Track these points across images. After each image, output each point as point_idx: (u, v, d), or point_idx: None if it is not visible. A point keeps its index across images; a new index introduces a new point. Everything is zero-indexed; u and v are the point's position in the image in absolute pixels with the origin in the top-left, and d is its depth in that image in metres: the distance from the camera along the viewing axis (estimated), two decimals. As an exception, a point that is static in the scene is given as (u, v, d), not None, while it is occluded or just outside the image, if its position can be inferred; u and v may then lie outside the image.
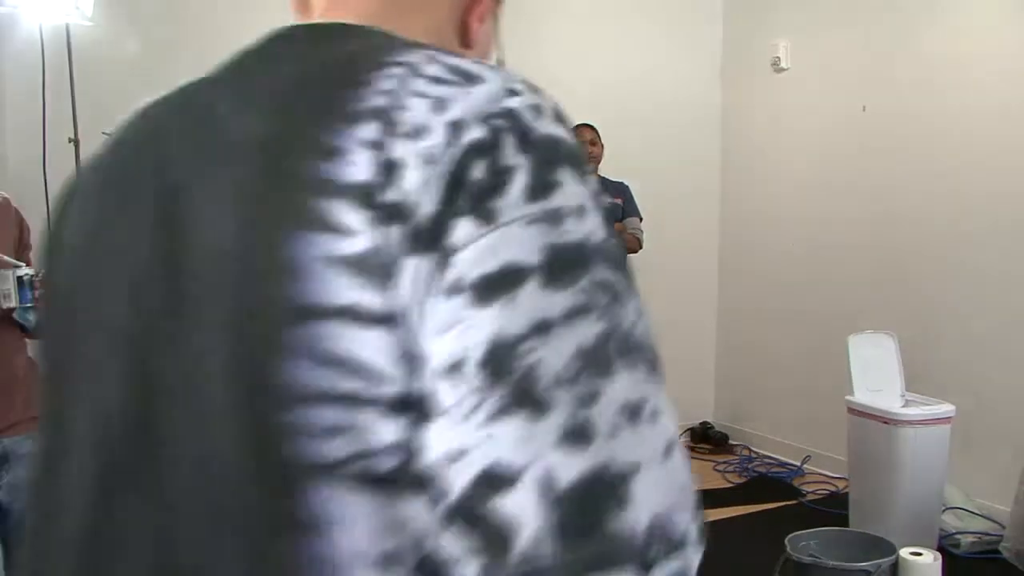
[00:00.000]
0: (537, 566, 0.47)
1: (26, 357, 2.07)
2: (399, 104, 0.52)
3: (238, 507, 0.52)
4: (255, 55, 0.70)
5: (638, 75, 5.11)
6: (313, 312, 0.50)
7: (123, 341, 0.59)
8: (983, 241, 3.84)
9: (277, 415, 0.50)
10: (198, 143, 0.61)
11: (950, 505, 3.68)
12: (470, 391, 0.48)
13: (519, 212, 0.50)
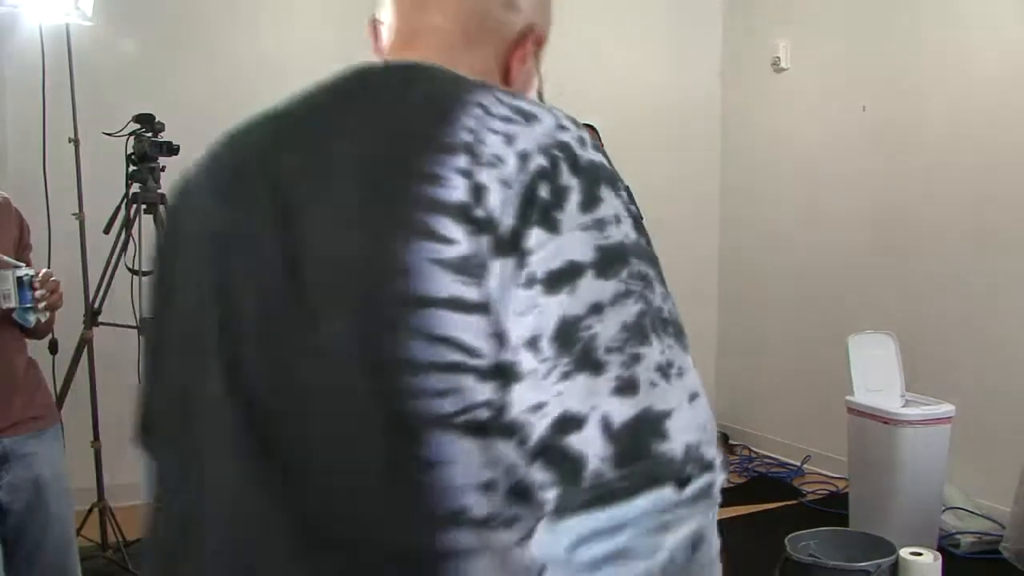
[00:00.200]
0: (602, 485, 0.63)
1: (26, 357, 2.07)
2: (480, 139, 0.69)
3: (373, 453, 0.68)
4: (352, 85, 0.84)
5: (638, 75, 5.11)
6: (425, 302, 0.66)
7: (253, 327, 0.74)
8: (983, 241, 3.84)
9: (401, 382, 0.67)
10: (308, 167, 0.75)
11: (950, 505, 3.68)
12: (544, 359, 0.65)
13: (575, 222, 0.67)
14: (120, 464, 3.66)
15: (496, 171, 0.68)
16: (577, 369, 0.65)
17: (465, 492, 0.68)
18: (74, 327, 3.40)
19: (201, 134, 4.23)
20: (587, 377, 0.65)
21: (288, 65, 4.30)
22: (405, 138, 0.71)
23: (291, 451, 0.72)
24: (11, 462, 1.96)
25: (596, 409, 0.64)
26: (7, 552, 1.97)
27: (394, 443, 0.68)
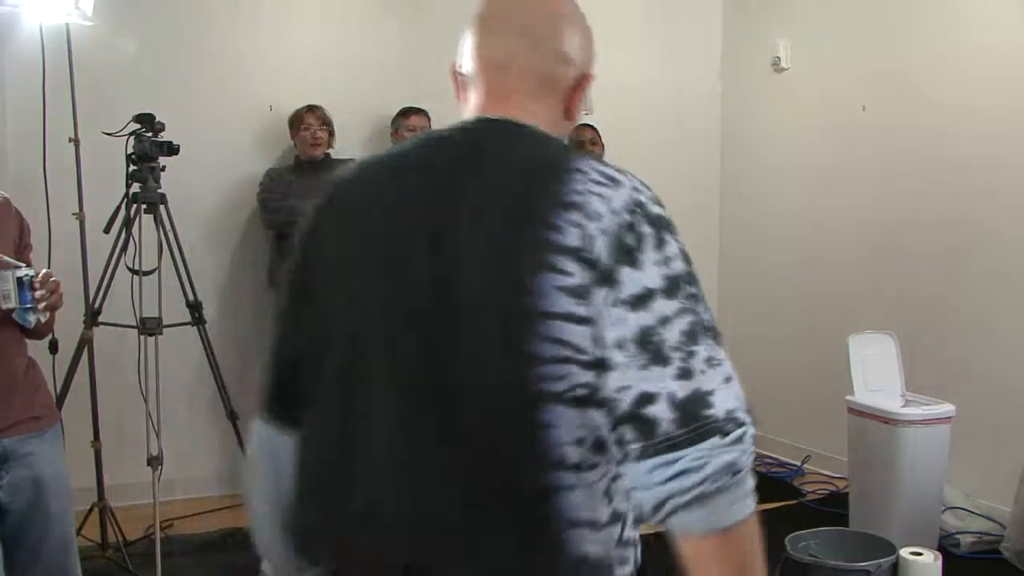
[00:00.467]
0: (670, 439, 0.94)
1: (26, 357, 2.07)
2: (585, 200, 0.99)
3: (507, 417, 0.99)
4: (476, 139, 1.10)
5: (638, 74, 5.11)
6: (549, 316, 0.97)
7: (417, 290, 1.02)
8: (983, 240, 3.84)
9: (530, 369, 0.97)
10: (457, 209, 1.03)
11: (950, 505, 3.68)
12: (629, 356, 0.96)
13: (650, 260, 0.98)
14: (120, 464, 3.67)
15: (598, 224, 0.98)
16: (651, 363, 0.96)
17: (565, 445, 0.99)
18: (74, 327, 3.40)
19: (201, 134, 4.27)
20: (658, 368, 0.96)
21: (288, 65, 4.31)
22: (531, 194, 1.01)
23: (444, 404, 1.01)
24: (11, 462, 1.96)
25: (664, 389, 0.95)
26: (7, 552, 1.97)
27: (522, 410, 0.98)
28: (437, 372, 1.01)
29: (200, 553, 3.54)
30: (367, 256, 1.07)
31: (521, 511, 1.00)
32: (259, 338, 4.18)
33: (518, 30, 1.17)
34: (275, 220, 4.04)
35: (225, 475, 4.23)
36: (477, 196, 1.03)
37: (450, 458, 1.00)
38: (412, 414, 1.02)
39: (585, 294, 0.97)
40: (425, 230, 1.03)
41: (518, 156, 1.06)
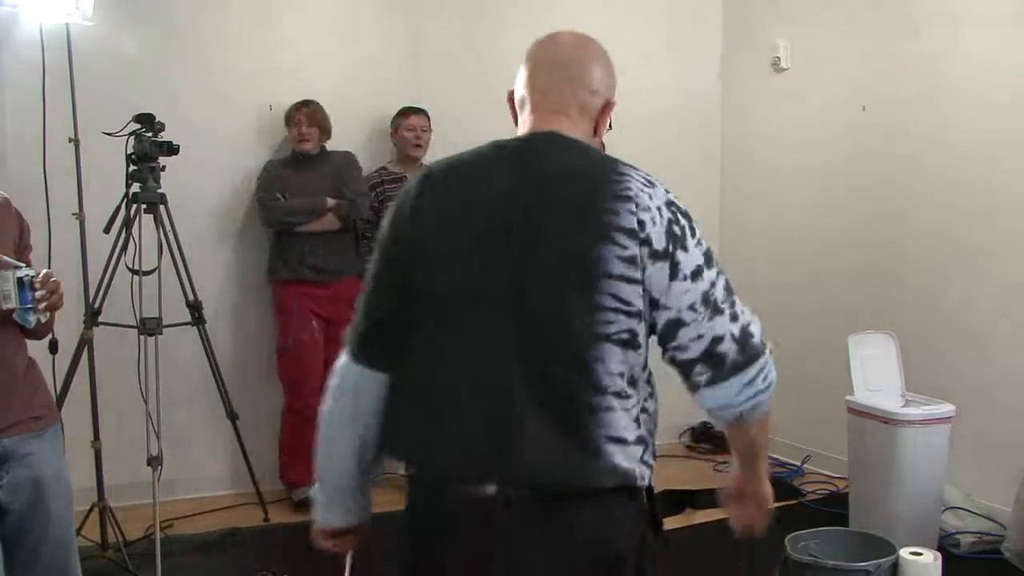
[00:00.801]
0: (735, 366, 1.40)
1: (26, 357, 2.06)
2: (637, 195, 1.38)
3: (574, 350, 1.35)
4: (544, 142, 1.47)
5: (638, 75, 5.10)
6: (610, 276, 1.34)
7: (504, 265, 1.39)
8: (983, 241, 3.83)
9: (593, 315, 1.34)
10: (534, 188, 1.41)
11: (950, 505, 3.68)
12: (698, 313, 1.38)
13: (692, 244, 1.40)
14: (120, 464, 3.67)
15: (648, 213, 1.38)
16: (714, 314, 1.40)
17: (611, 376, 1.37)
18: (74, 327, 3.40)
19: (201, 134, 4.28)
20: (719, 317, 1.40)
21: (287, 65, 4.31)
22: (595, 188, 1.40)
23: (529, 333, 1.37)
24: (11, 462, 1.96)
25: (727, 331, 1.41)
26: (7, 552, 1.97)
27: (583, 346, 1.36)
28: (526, 317, 1.38)
29: (200, 553, 3.54)
30: (471, 231, 1.42)
31: (573, 421, 1.36)
32: (259, 338, 4.19)
33: (560, 69, 1.54)
34: (272, 219, 4.04)
35: (225, 475, 4.23)
36: (554, 187, 1.42)
37: (527, 380, 1.36)
38: (503, 348, 1.38)
39: (636, 261, 1.36)
40: (518, 210, 1.40)
41: (577, 158, 1.46)
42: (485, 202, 1.43)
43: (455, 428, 1.39)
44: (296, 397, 4.07)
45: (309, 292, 4.04)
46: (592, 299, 1.35)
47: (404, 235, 1.46)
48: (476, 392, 1.38)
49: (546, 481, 1.36)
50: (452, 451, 1.40)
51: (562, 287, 1.37)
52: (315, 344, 4.04)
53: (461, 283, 1.41)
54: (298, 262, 4.03)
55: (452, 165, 1.49)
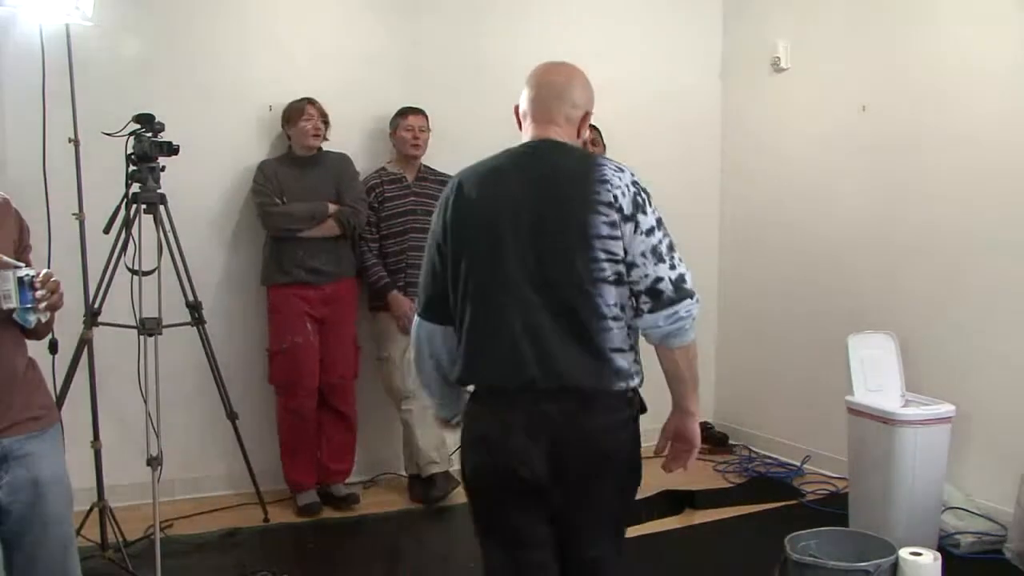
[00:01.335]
0: (670, 300, 1.95)
1: (26, 357, 2.06)
2: (610, 178, 1.97)
3: (581, 291, 1.94)
4: (545, 148, 2.05)
5: (638, 75, 5.11)
6: (599, 236, 1.93)
7: (521, 236, 1.96)
8: (983, 241, 3.84)
9: (591, 265, 1.93)
10: (537, 181, 2.00)
11: (950, 505, 3.68)
12: (646, 260, 1.95)
13: (649, 210, 1.98)
14: (120, 464, 3.67)
15: (619, 190, 1.94)
16: (658, 262, 1.94)
17: (609, 306, 1.93)
18: (74, 327, 3.40)
19: (201, 134, 4.27)
20: (662, 264, 1.94)
21: (287, 65, 4.32)
22: (581, 176, 1.97)
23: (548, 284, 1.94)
24: (11, 462, 1.96)
25: (666, 275, 1.94)
26: (7, 552, 1.97)
27: (587, 288, 1.92)
28: (543, 272, 1.95)
29: (200, 553, 3.54)
30: (497, 218, 1.98)
31: (586, 339, 1.95)
32: (259, 338, 4.19)
33: (550, 90, 2.10)
34: (274, 226, 4.02)
35: (225, 475, 4.23)
36: (552, 181, 1.99)
37: (551, 317, 1.94)
38: (531, 297, 1.95)
39: (615, 225, 1.94)
40: (527, 199, 1.98)
41: (567, 158, 2.04)
42: (503, 194, 2.01)
43: (505, 351, 1.96)
44: (291, 398, 4.07)
45: (303, 294, 4.03)
46: (589, 254, 1.94)
47: (445, 227, 2.05)
48: (507, 327, 1.96)
49: (572, 380, 1.95)
50: (506, 367, 1.96)
51: (567, 248, 1.95)
52: (309, 346, 4.04)
53: (494, 250, 1.98)
54: (294, 265, 4.01)
55: (475, 170, 2.08)
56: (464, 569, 3.47)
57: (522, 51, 4.96)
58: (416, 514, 4.13)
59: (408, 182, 4.32)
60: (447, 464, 4.24)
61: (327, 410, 4.19)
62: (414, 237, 4.24)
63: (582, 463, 1.97)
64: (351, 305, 4.20)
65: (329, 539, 3.77)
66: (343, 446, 4.23)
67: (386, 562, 3.59)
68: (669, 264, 1.96)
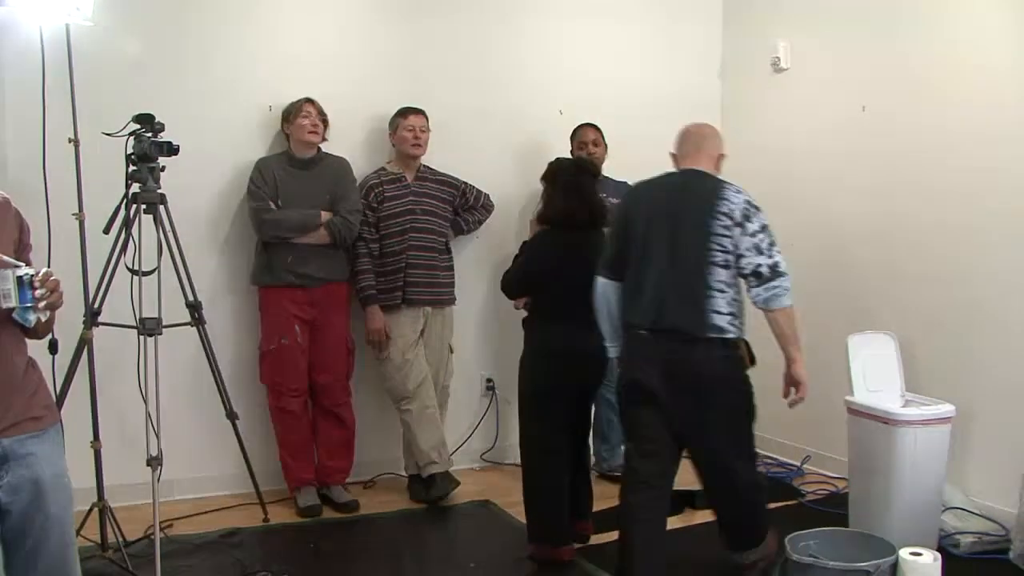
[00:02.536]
0: (767, 279, 2.96)
1: (26, 357, 2.06)
2: (729, 198, 2.99)
3: (698, 270, 2.96)
4: (688, 176, 3.14)
5: (639, 75, 5.11)
6: (715, 234, 2.95)
7: (665, 237, 3.01)
8: (983, 241, 3.84)
9: (707, 252, 2.95)
10: (679, 194, 3.10)
11: (950, 505, 3.68)
12: (750, 252, 2.95)
13: (754, 219, 2.98)
14: (120, 464, 3.67)
15: (734, 205, 2.96)
16: (758, 254, 2.94)
17: (716, 281, 2.94)
18: (74, 327, 3.40)
19: (201, 134, 4.27)
20: (760, 255, 2.94)
21: (287, 65, 4.32)
22: (709, 193, 3.00)
23: (677, 262, 2.98)
24: (11, 462, 1.96)
25: (764, 263, 2.94)
26: (7, 552, 1.97)
27: (703, 267, 2.94)
28: (676, 251, 2.95)
29: (200, 553, 3.54)
30: (653, 216, 3.04)
31: (694, 301, 2.91)
32: (258, 338, 4.18)
33: (693, 140, 3.22)
34: (265, 232, 4.01)
35: (225, 475, 4.23)
36: (690, 195, 3.04)
37: (679, 283, 2.93)
38: (669, 266, 2.95)
39: (728, 229, 2.91)
40: (673, 205, 3.03)
41: (704, 182, 3.05)
42: (659, 199, 3.10)
43: (643, 303, 3.00)
44: (279, 397, 4.08)
45: (292, 296, 4.03)
46: (705, 244, 2.93)
47: (622, 214, 3.18)
48: (649, 288, 2.99)
49: (680, 326, 2.93)
50: (640, 314, 3.01)
51: (691, 239, 2.96)
52: (296, 349, 4.04)
53: (647, 236, 3.03)
54: (284, 269, 4.01)
55: (647, 182, 3.21)
56: (464, 569, 3.47)
57: (522, 51, 4.99)
58: (416, 514, 4.13)
59: (408, 182, 4.31)
60: (447, 464, 4.24)
61: (322, 411, 4.19)
62: (414, 237, 4.24)
63: (681, 379, 2.93)
64: (342, 306, 4.19)
65: (329, 539, 3.77)
66: (340, 445, 4.22)
67: (386, 562, 3.59)
68: (768, 255, 2.93)
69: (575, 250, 3.47)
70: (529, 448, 3.56)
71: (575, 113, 4.72)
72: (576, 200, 3.51)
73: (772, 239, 2.94)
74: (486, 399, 4.89)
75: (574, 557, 3.55)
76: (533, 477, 3.54)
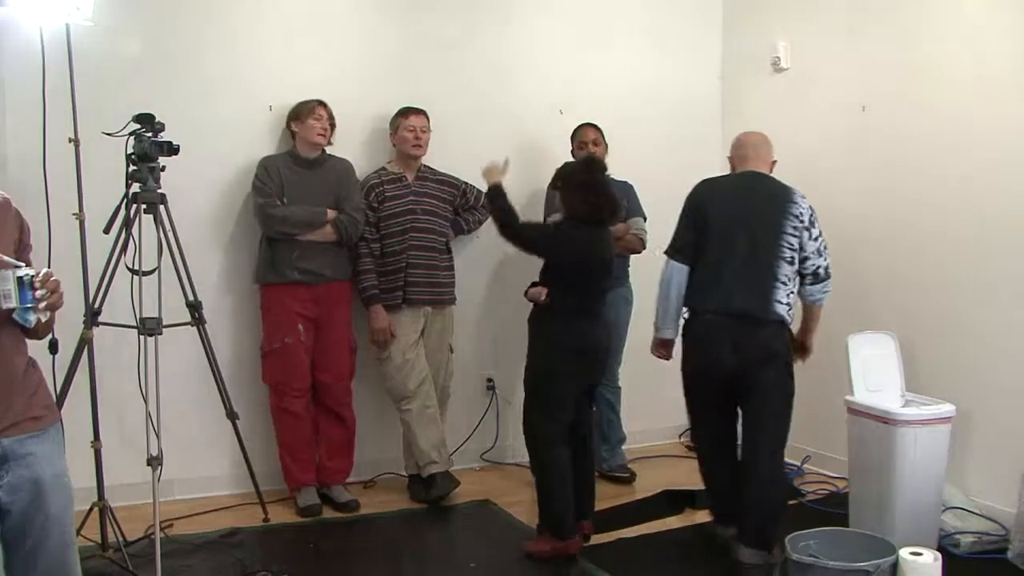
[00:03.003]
0: (822, 279, 3.49)
1: (26, 357, 2.06)
2: (798, 202, 3.45)
3: (769, 264, 3.38)
4: (754, 177, 3.54)
5: (639, 75, 5.12)
6: (785, 233, 3.39)
7: (745, 235, 3.40)
8: (983, 241, 3.84)
9: (778, 249, 3.39)
10: (750, 194, 3.50)
11: (950, 505, 3.68)
12: (815, 254, 3.44)
13: (817, 225, 3.46)
14: (120, 464, 3.67)
15: (802, 208, 3.42)
16: (819, 256, 3.44)
17: (782, 274, 3.37)
18: (74, 327, 3.40)
19: (201, 134, 4.27)
20: (820, 258, 3.45)
21: (287, 65, 4.32)
22: (782, 196, 3.44)
23: (748, 258, 3.38)
24: (11, 462, 1.96)
25: (822, 265, 3.46)
26: (7, 552, 1.97)
27: (772, 261, 3.37)
28: (753, 246, 3.35)
29: (200, 553, 3.54)
30: (730, 212, 3.44)
31: (761, 289, 3.34)
32: (259, 337, 4.19)
33: (751, 145, 3.60)
34: (271, 229, 4.01)
35: (225, 475, 4.23)
36: (764, 196, 3.46)
37: (752, 274, 3.35)
38: (745, 258, 3.36)
39: (797, 230, 3.37)
40: (745, 202, 3.45)
41: (772, 184, 3.50)
42: (731, 198, 3.49)
43: (719, 290, 3.37)
44: (281, 397, 4.08)
45: (295, 293, 4.03)
46: (777, 242, 3.35)
47: (696, 206, 3.52)
48: (727, 276, 3.37)
49: (748, 312, 3.33)
50: (716, 299, 3.38)
51: (765, 236, 3.36)
52: (299, 347, 4.04)
53: (726, 231, 3.40)
54: (287, 266, 4.01)
55: (716, 179, 3.64)
56: (464, 569, 3.47)
57: (523, 51, 4.99)
58: (416, 514, 4.13)
59: (408, 182, 4.31)
60: (447, 464, 4.24)
61: (323, 410, 4.19)
62: (414, 237, 4.24)
63: (748, 351, 3.32)
64: (345, 305, 4.20)
65: (329, 539, 3.77)
66: (341, 445, 4.23)
67: (386, 562, 3.59)
68: (824, 258, 3.44)
69: (598, 247, 3.57)
70: (543, 444, 3.58)
71: (575, 113, 4.73)
72: (594, 196, 3.56)
73: (826, 243, 3.44)
74: (486, 399, 4.89)
75: (580, 550, 3.59)
76: (547, 472, 3.57)
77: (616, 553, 3.61)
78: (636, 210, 4.53)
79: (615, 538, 3.77)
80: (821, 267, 3.42)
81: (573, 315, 3.55)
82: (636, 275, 4.61)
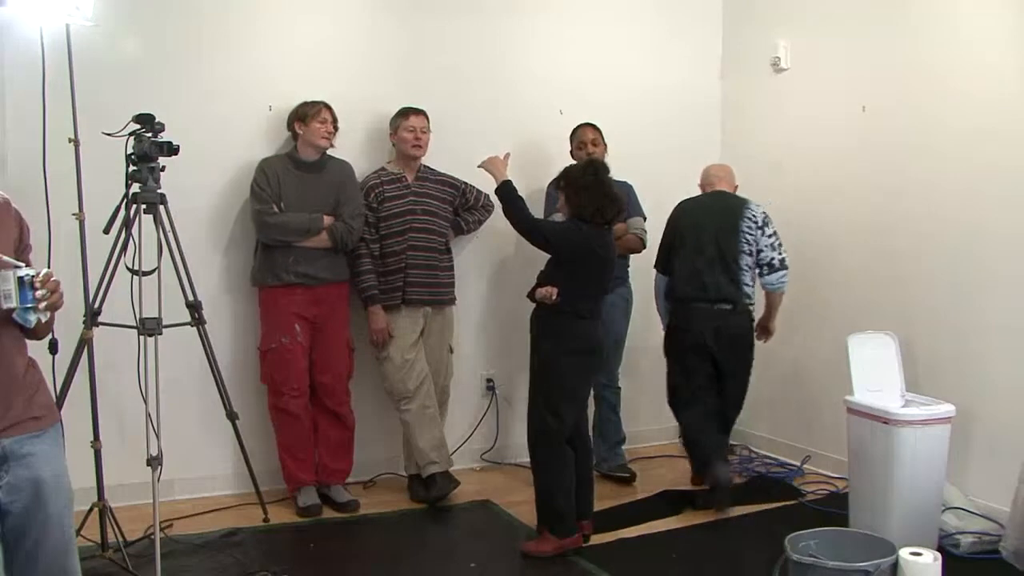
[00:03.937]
0: (776, 269, 4.24)
1: (27, 357, 2.06)
2: (751, 209, 4.28)
3: (725, 265, 4.22)
4: (717, 196, 4.40)
5: (639, 75, 5.12)
6: (743, 232, 4.23)
7: (711, 237, 4.25)
8: (983, 241, 3.84)
9: (738, 246, 4.23)
10: (714, 209, 4.35)
11: (950, 505, 3.68)
12: (767, 249, 4.23)
13: (771, 226, 4.28)
14: (120, 464, 3.67)
15: (755, 213, 4.26)
16: (772, 249, 4.23)
17: (746, 264, 4.22)
18: (74, 327, 3.40)
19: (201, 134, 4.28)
20: (773, 252, 4.23)
21: (287, 65, 4.32)
22: (738, 208, 4.29)
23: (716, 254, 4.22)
24: (11, 462, 1.96)
25: (777, 256, 4.23)
26: (7, 552, 1.97)
27: (735, 256, 4.22)
28: (719, 248, 4.21)
29: (200, 553, 3.54)
30: (697, 224, 4.29)
31: (731, 279, 4.20)
32: (258, 338, 4.19)
33: (717, 173, 4.48)
34: (268, 236, 4.01)
35: (225, 475, 4.23)
36: (725, 209, 4.30)
37: (719, 268, 4.19)
38: (714, 255, 4.21)
39: (752, 229, 4.21)
40: (714, 216, 4.29)
41: (732, 200, 4.35)
42: (701, 213, 4.31)
43: (698, 282, 4.18)
44: (280, 397, 4.08)
45: (293, 295, 4.03)
46: (737, 239, 4.18)
47: (672, 225, 4.37)
48: (703, 270, 4.18)
49: (725, 298, 4.17)
50: (702, 290, 4.17)
51: (726, 237, 4.19)
52: (297, 347, 4.04)
53: (699, 237, 4.23)
54: (284, 270, 4.01)
55: (692, 200, 4.40)
56: (464, 569, 3.47)
57: (523, 51, 4.99)
58: (416, 514, 4.13)
59: (408, 182, 4.31)
60: (447, 464, 4.24)
61: (322, 410, 4.19)
62: (414, 237, 4.24)
63: (725, 338, 4.17)
64: (342, 306, 4.20)
65: (329, 539, 3.77)
66: (340, 446, 4.22)
67: (386, 562, 3.59)
68: (777, 252, 4.18)
69: (602, 247, 3.59)
70: (547, 443, 3.60)
71: (575, 113, 4.73)
72: (600, 197, 3.56)
73: (780, 241, 4.22)
74: (486, 399, 4.89)
75: (582, 544, 3.63)
76: (551, 470, 3.60)
77: (616, 553, 3.62)
78: (636, 210, 4.53)
79: (615, 538, 3.77)
80: (776, 259, 4.20)
81: (579, 315, 3.56)
82: (636, 276, 4.63)
